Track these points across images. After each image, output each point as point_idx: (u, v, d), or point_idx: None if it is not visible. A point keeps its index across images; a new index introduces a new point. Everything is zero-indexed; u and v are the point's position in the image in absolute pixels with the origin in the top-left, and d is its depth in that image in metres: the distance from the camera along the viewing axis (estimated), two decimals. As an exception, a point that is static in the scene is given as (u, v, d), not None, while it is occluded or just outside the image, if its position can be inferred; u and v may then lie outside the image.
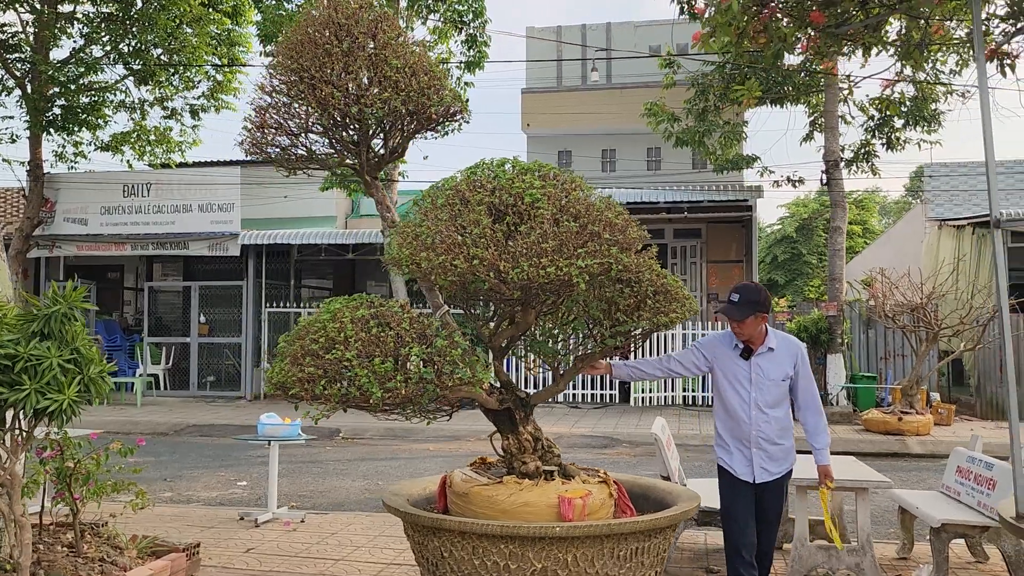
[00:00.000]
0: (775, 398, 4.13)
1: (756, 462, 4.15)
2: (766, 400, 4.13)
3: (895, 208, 49.81)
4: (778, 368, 4.12)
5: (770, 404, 4.13)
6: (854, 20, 4.57)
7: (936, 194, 19.59)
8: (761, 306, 4.06)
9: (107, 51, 17.39)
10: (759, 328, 4.09)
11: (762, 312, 4.06)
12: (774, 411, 4.13)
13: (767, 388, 4.12)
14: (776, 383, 4.12)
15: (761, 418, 4.13)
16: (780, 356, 4.13)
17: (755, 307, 4.03)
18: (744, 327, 4.07)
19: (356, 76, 3.85)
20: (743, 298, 4.03)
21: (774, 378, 4.11)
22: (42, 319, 3.43)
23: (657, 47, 24.06)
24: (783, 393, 4.15)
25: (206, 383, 17.97)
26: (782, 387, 4.13)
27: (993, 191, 3.64)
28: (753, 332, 4.08)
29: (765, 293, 4.13)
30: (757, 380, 4.12)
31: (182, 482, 9.10)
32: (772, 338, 4.15)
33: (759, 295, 4.07)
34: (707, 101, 15.17)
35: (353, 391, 3.14)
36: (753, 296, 4.05)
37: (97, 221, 17.30)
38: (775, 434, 4.14)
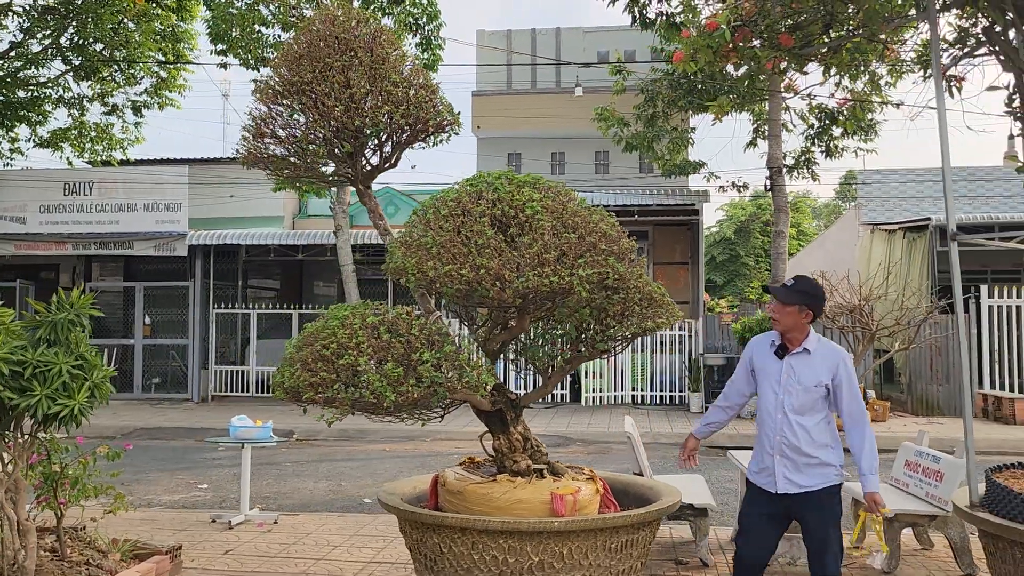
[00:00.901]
0: (804, 404, 3.80)
1: (779, 471, 3.83)
2: (792, 405, 3.81)
3: (825, 211, 51.51)
4: (812, 373, 3.81)
5: (797, 410, 3.81)
6: (817, 42, 4.87)
7: (869, 199, 20.44)
8: (811, 300, 3.81)
9: (46, 45, 16.96)
10: (799, 324, 3.82)
11: (808, 307, 3.80)
12: (803, 419, 3.80)
13: (796, 392, 3.81)
14: (807, 389, 3.80)
15: (786, 423, 3.82)
16: (817, 361, 3.82)
17: (804, 298, 3.80)
18: (784, 315, 3.81)
19: (355, 89, 3.97)
20: (797, 286, 3.83)
21: (805, 383, 3.80)
22: (48, 326, 3.47)
23: (606, 53, 24.49)
24: (817, 401, 3.81)
25: (151, 385, 17.65)
26: (814, 394, 3.80)
27: (950, 205, 3.95)
28: (791, 325, 3.81)
29: (822, 295, 3.91)
30: (787, 382, 3.84)
31: (139, 486, 9.01)
32: (812, 341, 3.85)
33: (815, 290, 3.85)
34: (656, 107, 15.57)
35: (367, 395, 3.27)
36: (808, 288, 3.84)
37: (36, 220, 16.85)
38: (803, 443, 3.79)
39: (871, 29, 4.48)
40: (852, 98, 13.78)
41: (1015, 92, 3.90)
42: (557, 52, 25.23)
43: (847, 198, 43.44)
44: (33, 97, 17.21)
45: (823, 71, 5.47)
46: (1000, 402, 13.59)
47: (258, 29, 15.40)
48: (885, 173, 20.32)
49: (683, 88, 15.15)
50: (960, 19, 4.74)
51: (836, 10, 4.59)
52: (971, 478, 4.21)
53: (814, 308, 3.82)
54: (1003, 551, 3.86)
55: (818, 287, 3.87)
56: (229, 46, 15.25)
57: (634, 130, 15.90)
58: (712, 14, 4.54)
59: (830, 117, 14.79)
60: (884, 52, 5.28)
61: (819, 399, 3.82)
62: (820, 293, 3.87)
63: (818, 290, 3.86)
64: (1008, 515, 3.84)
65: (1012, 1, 3.66)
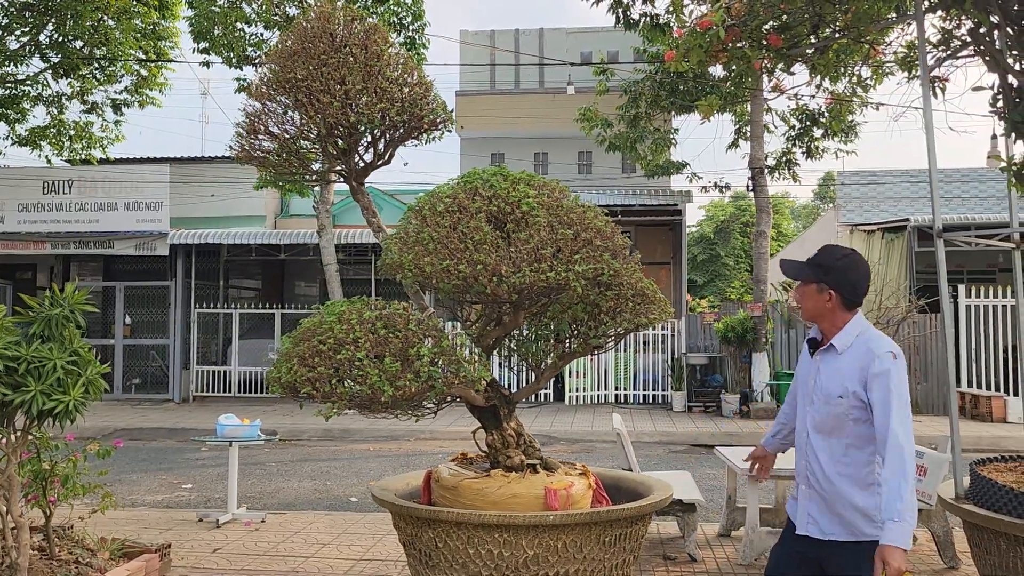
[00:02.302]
0: (825, 421, 2.92)
1: (802, 505, 3.01)
2: (815, 420, 2.97)
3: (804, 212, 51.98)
4: (835, 378, 2.89)
5: (820, 427, 2.95)
6: (804, 42, 4.94)
7: (847, 200, 20.67)
8: (830, 276, 2.91)
9: (24, 42, 16.77)
10: (823, 310, 2.95)
11: (828, 284, 2.90)
12: (828, 440, 2.93)
13: (819, 404, 2.95)
14: (830, 400, 2.90)
15: (808, 445, 3.00)
16: (844, 363, 2.88)
17: (820, 273, 2.92)
18: (804, 297, 3.00)
19: (350, 86, 3.98)
20: (814, 258, 2.98)
21: (828, 391, 2.90)
22: (42, 321, 3.45)
23: (589, 53, 24.58)
24: (843, 419, 2.88)
25: (131, 386, 17.51)
26: (840, 407, 2.87)
27: (936, 203, 4.03)
28: (813, 311, 2.98)
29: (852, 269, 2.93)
30: (812, 388, 2.98)
31: (122, 486, 8.94)
32: (847, 335, 2.91)
33: (837, 262, 2.93)
34: (638, 108, 15.66)
35: (364, 390, 3.28)
36: (826, 260, 2.94)
37: (14, 219, 16.67)
38: (829, 474, 2.91)
39: (858, 30, 4.55)
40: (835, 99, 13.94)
41: (999, 93, 3.99)
42: (541, 52, 25.30)
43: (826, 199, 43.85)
44: (11, 95, 17.01)
45: (810, 72, 5.56)
46: (977, 400, 13.79)
47: (240, 27, 15.33)
48: (864, 174, 20.54)
49: (666, 89, 15.25)
50: (944, 21, 4.83)
51: (824, 11, 4.66)
52: (956, 471, 4.29)
53: (838, 287, 2.90)
54: (988, 542, 3.93)
55: (844, 258, 2.94)
56: (211, 44, 15.16)
57: (617, 130, 15.99)
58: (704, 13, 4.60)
59: (811, 119, 14.96)
60: (870, 53, 5.36)
61: (846, 416, 2.86)
62: (846, 266, 2.91)
63: (843, 262, 2.92)
64: (993, 507, 3.91)
65: (998, 3, 3.74)
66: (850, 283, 2.91)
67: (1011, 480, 4.05)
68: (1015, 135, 3.88)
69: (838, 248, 3.01)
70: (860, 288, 2.93)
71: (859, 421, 2.86)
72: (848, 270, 2.93)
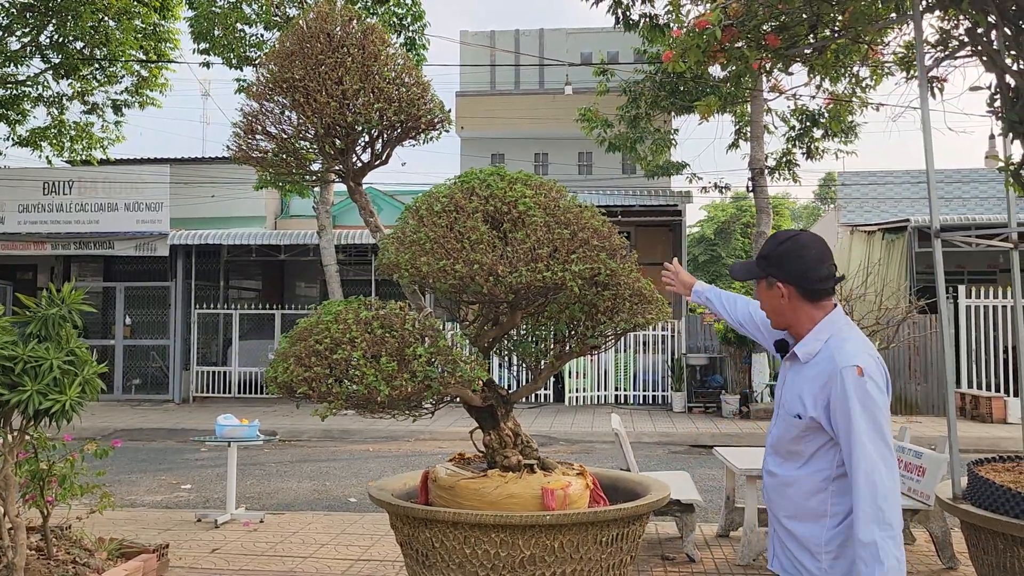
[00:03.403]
0: (782, 442, 2.40)
1: (772, 537, 2.50)
2: (773, 439, 2.46)
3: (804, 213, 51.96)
4: (796, 393, 2.35)
5: (776, 448, 2.43)
6: (803, 43, 4.94)
7: (848, 201, 20.67)
8: (772, 264, 2.40)
9: (25, 43, 16.79)
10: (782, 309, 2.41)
11: (776, 276, 2.38)
12: (783, 465, 2.40)
13: (779, 420, 2.44)
14: (786, 418, 2.37)
15: (765, 462, 2.52)
16: (807, 376, 2.33)
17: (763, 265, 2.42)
18: (758, 295, 2.50)
19: (347, 86, 3.98)
20: (760, 250, 2.47)
21: (787, 408, 2.38)
22: (39, 321, 3.46)
23: (589, 54, 24.59)
24: (800, 441, 2.33)
25: (131, 386, 17.52)
26: (795, 430, 2.33)
27: (934, 203, 4.02)
28: (773, 311, 2.44)
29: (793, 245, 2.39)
30: (778, 401, 2.47)
31: (121, 487, 8.94)
32: (812, 340, 2.35)
33: (774, 247, 2.42)
34: (639, 108, 15.65)
35: (361, 389, 3.28)
36: (766, 248, 2.44)
37: (14, 219, 16.69)
38: (778, 502, 2.41)
39: (856, 31, 4.55)
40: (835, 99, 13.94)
41: (997, 93, 3.99)
42: (541, 53, 25.32)
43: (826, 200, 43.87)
44: (12, 95, 17.03)
45: (808, 72, 5.56)
46: (977, 401, 13.77)
47: (241, 28, 15.34)
48: (864, 175, 20.55)
49: (666, 89, 15.25)
50: (942, 21, 4.83)
51: (822, 11, 4.66)
52: (954, 471, 4.29)
53: (787, 277, 2.36)
54: (985, 542, 3.93)
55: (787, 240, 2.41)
56: (211, 45, 15.17)
57: (617, 131, 15.99)
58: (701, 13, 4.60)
59: (811, 119, 14.94)
60: (868, 53, 5.36)
61: (803, 439, 2.32)
62: (789, 249, 2.38)
63: (785, 246, 2.39)
64: (990, 507, 3.91)
65: (995, 3, 3.74)
66: (799, 270, 2.35)
67: (1008, 480, 4.04)
68: (1012, 135, 3.88)
69: (782, 232, 2.48)
70: (814, 273, 2.34)
71: (820, 447, 2.29)
72: (792, 254, 2.36)
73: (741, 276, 2.56)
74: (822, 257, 2.38)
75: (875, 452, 2.14)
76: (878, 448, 2.14)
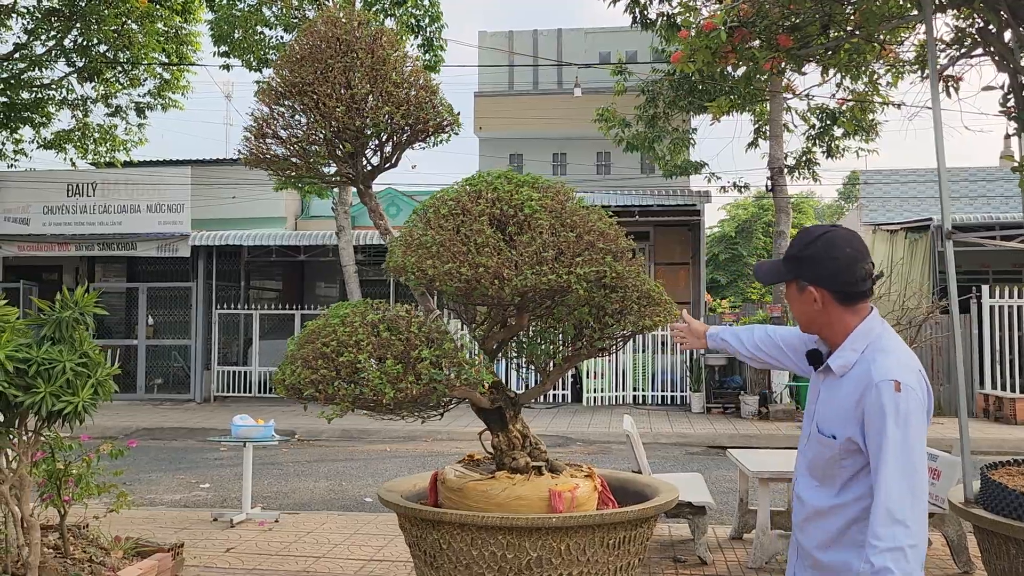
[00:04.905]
0: (818, 462, 2.18)
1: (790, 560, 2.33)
2: (807, 460, 2.24)
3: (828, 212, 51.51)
4: (831, 411, 2.15)
5: (812, 470, 2.21)
6: (815, 43, 4.91)
7: (870, 200, 20.47)
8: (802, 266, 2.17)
9: (50, 47, 17.04)
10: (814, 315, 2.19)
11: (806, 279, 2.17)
12: (818, 491, 2.18)
13: (812, 440, 2.21)
14: (821, 438, 2.16)
15: (794, 487, 2.31)
16: (843, 391, 2.12)
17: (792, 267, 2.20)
18: (787, 300, 2.29)
19: (356, 90, 4.01)
20: (788, 249, 2.25)
21: (821, 427, 2.17)
22: (53, 324, 3.51)
23: (607, 54, 24.55)
24: (835, 464, 2.13)
25: (153, 386, 17.72)
26: (829, 450, 2.13)
27: (945, 204, 3.99)
28: (804, 317, 2.23)
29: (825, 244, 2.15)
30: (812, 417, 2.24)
31: (141, 485, 9.05)
32: (846, 351, 2.14)
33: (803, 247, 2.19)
34: (657, 108, 15.60)
35: (367, 392, 3.31)
36: (795, 248, 2.21)
37: (39, 221, 16.92)
38: (808, 531, 2.19)
39: (868, 30, 4.52)
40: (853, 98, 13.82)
41: (1010, 92, 3.94)
42: (559, 53, 25.31)
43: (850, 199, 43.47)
44: (37, 99, 17.28)
45: (821, 72, 5.52)
46: (1001, 402, 13.60)
47: (260, 31, 15.47)
48: (887, 173, 20.34)
49: (684, 89, 15.18)
50: (957, 19, 4.78)
51: (833, 11, 4.63)
52: (966, 475, 4.24)
53: (818, 280, 2.14)
54: (997, 547, 3.88)
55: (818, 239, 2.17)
56: (231, 47, 15.32)
57: (635, 131, 15.94)
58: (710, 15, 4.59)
59: (831, 117, 14.82)
60: (881, 52, 5.32)
61: (840, 462, 2.11)
62: (822, 249, 2.15)
63: (816, 245, 2.16)
64: (1003, 511, 3.87)
65: (1006, 2, 3.70)
66: (832, 271, 2.12)
67: (1022, 484, 3.99)
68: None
69: (812, 229, 2.22)
70: (849, 275, 2.11)
71: (860, 471, 2.08)
72: (824, 253, 2.13)
73: (767, 279, 2.33)
74: (858, 255, 2.14)
75: (902, 478, 1.93)
76: (906, 473, 1.93)
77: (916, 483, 1.94)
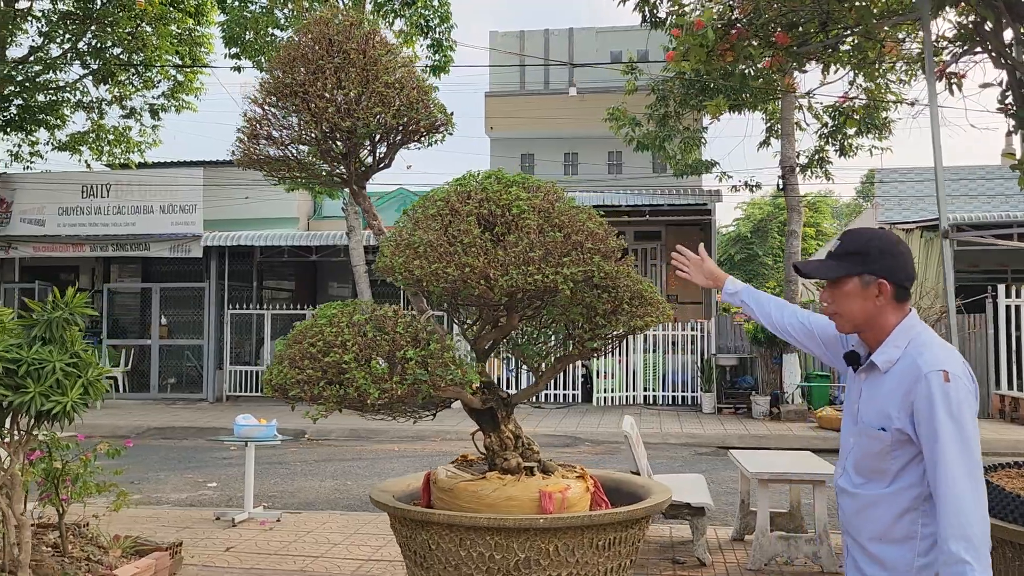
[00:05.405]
0: (866, 459, 2.21)
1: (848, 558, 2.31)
2: (855, 459, 2.26)
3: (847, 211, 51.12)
4: (876, 405, 2.19)
5: (859, 468, 2.24)
6: (814, 40, 4.86)
7: (886, 199, 20.28)
8: (870, 260, 2.19)
9: (65, 50, 17.20)
10: (871, 312, 2.20)
11: (874, 273, 2.18)
12: (866, 486, 2.21)
13: (859, 436, 2.24)
14: (869, 433, 2.18)
15: (839, 483, 2.32)
16: (889, 385, 2.16)
17: (857, 262, 2.20)
18: (841, 300, 2.24)
19: (347, 91, 4.01)
20: (846, 245, 2.25)
21: (868, 421, 2.19)
22: (44, 324, 3.54)
23: (619, 53, 24.48)
24: (885, 457, 2.15)
25: (167, 385, 17.85)
26: (879, 444, 2.16)
27: (942, 203, 3.94)
28: (863, 314, 2.21)
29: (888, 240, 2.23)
30: (855, 417, 2.28)
31: (149, 484, 9.12)
32: (890, 347, 2.18)
33: (877, 243, 2.21)
34: (667, 107, 15.54)
35: (351, 392, 3.31)
36: (857, 244, 2.23)
37: (55, 222, 17.09)
38: (860, 526, 2.22)
39: (866, 27, 4.47)
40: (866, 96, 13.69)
41: (1008, 89, 3.88)
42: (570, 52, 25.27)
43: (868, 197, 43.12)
44: (52, 101, 17.45)
45: (822, 69, 5.47)
46: (1017, 403, 13.44)
47: (272, 32, 15.53)
48: (902, 172, 20.14)
49: (695, 87, 15.10)
50: (960, 15, 4.71)
51: (831, 8, 4.58)
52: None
53: (890, 273, 2.18)
54: (994, 550, 3.82)
55: (878, 237, 2.23)
56: (242, 49, 15.40)
57: (645, 130, 15.88)
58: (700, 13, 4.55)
59: (844, 115, 14.69)
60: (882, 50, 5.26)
61: (890, 454, 2.14)
62: (887, 245, 2.20)
63: (881, 241, 2.21)
64: (998, 514, 3.81)
65: None
66: (900, 265, 2.18)
67: (1019, 487, 3.94)
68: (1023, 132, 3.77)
69: (862, 229, 2.29)
70: (909, 271, 2.20)
71: (909, 462, 2.11)
72: (887, 250, 2.19)
73: (829, 274, 2.24)
74: (909, 254, 2.24)
75: (961, 466, 1.99)
76: (964, 461, 1.99)
77: (974, 469, 2.00)
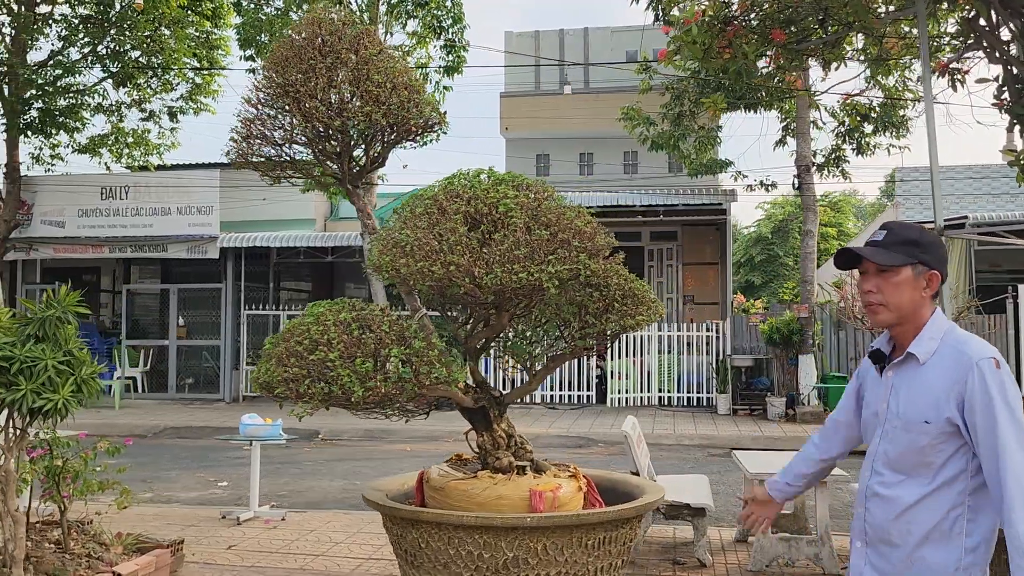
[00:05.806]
0: (908, 454, 2.19)
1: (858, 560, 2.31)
2: (890, 456, 2.23)
3: (870, 211, 50.59)
4: (919, 398, 2.18)
5: (898, 465, 2.21)
6: (813, 37, 4.81)
7: (907, 197, 20.07)
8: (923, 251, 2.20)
9: (85, 53, 17.42)
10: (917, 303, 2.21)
11: (927, 264, 2.20)
12: (906, 484, 2.19)
13: (894, 432, 2.22)
14: (912, 427, 2.17)
15: (871, 486, 2.27)
16: (930, 376, 2.17)
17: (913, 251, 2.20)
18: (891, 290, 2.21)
19: (339, 90, 4.03)
20: (896, 234, 2.24)
21: (909, 416, 2.18)
22: (37, 322, 3.58)
23: (634, 52, 24.40)
24: (930, 450, 2.15)
25: (184, 385, 18.01)
26: (925, 437, 2.15)
27: (938, 201, 3.88)
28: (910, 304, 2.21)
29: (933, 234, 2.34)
30: (886, 415, 2.26)
31: (161, 483, 9.20)
32: (927, 339, 2.20)
33: (919, 234, 2.25)
34: (682, 106, 15.47)
35: (336, 390, 3.32)
36: (911, 234, 2.24)
37: (74, 223, 17.31)
38: (892, 526, 2.20)
39: (863, 23, 4.42)
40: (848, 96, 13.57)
41: (1003, 85, 3.82)
42: (585, 52, 25.22)
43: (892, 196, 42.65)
44: (72, 104, 17.67)
45: (823, 67, 5.42)
46: (1037, 405, 13.21)
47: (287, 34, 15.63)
48: (923, 171, 19.92)
49: (710, 86, 15.01)
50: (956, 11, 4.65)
51: (830, 5, 4.53)
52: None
53: (940, 265, 2.23)
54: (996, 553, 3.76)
55: (927, 231, 2.31)
56: (257, 51, 15.52)
57: (660, 129, 15.81)
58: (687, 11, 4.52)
59: (859, 113, 14.55)
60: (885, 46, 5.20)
61: (935, 447, 2.14)
62: (937, 240, 2.28)
63: (929, 234, 2.28)
64: (996, 516, 3.75)
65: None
66: (945, 259, 2.26)
67: None
68: (1021, 127, 3.71)
69: (907, 223, 2.33)
70: (946, 267, 2.27)
71: (953, 454, 2.12)
72: (939, 242, 2.26)
73: (888, 260, 2.20)
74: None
75: (1022, 451, 2.02)
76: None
77: None
